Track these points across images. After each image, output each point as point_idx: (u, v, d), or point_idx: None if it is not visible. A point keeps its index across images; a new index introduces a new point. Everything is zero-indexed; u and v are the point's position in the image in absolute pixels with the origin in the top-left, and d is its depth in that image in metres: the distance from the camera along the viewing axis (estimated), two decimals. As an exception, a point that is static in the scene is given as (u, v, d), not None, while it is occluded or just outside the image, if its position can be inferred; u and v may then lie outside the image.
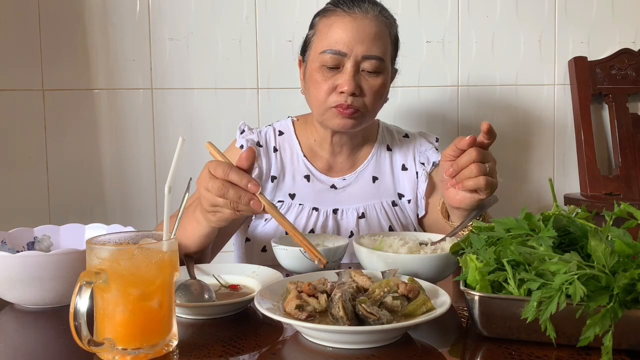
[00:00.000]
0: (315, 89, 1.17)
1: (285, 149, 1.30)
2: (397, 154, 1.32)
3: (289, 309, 0.73)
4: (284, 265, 1.03)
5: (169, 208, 0.71)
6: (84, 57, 1.76)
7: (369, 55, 1.14)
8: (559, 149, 1.84)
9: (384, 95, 1.21)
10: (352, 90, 1.13)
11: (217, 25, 1.77)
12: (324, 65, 1.15)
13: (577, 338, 0.63)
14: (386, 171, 1.30)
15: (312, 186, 1.27)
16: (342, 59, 1.14)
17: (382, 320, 0.68)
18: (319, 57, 1.16)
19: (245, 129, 1.31)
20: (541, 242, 0.70)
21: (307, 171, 1.28)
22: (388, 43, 1.18)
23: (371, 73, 1.15)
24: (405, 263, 0.88)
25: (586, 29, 1.80)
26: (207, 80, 1.78)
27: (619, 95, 1.79)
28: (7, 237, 0.99)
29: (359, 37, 1.13)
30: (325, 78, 1.15)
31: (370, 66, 1.14)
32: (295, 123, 1.33)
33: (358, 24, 1.14)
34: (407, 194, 1.30)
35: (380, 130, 1.34)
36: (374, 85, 1.16)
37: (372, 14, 1.16)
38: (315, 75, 1.17)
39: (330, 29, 1.16)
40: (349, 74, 1.13)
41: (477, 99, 1.82)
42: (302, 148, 1.30)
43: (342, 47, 1.13)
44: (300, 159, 1.29)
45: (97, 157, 1.79)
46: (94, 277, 0.63)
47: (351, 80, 1.13)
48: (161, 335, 0.68)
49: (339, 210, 1.27)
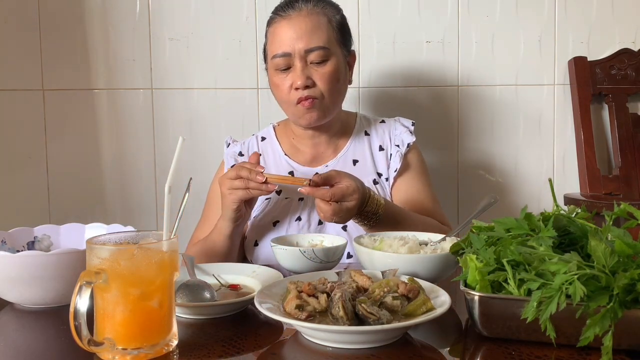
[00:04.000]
0: (277, 92, 1.28)
1: (268, 152, 1.39)
2: (374, 136, 1.39)
3: (289, 308, 0.73)
4: (283, 265, 1.03)
5: (169, 208, 0.71)
6: (84, 57, 1.76)
7: (310, 48, 1.23)
8: (559, 149, 1.84)
9: (340, 79, 1.28)
10: (304, 84, 1.22)
11: (217, 25, 1.77)
12: (277, 69, 1.26)
13: (577, 338, 0.63)
14: (365, 153, 1.37)
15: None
16: (289, 59, 1.24)
17: (382, 320, 0.68)
18: (272, 63, 1.27)
19: (230, 142, 1.42)
20: (541, 242, 0.70)
21: (290, 167, 1.35)
22: (330, 30, 1.26)
23: (319, 63, 1.24)
24: (405, 263, 0.88)
25: (586, 29, 1.80)
26: (207, 80, 1.79)
27: (619, 95, 1.79)
28: (7, 237, 0.99)
29: (297, 35, 1.23)
30: (282, 79, 1.26)
31: (316, 57, 1.23)
32: (276, 128, 1.44)
33: (293, 23, 1.24)
34: (384, 172, 1.36)
35: (358, 119, 1.42)
36: (324, 73, 1.24)
37: (305, 10, 1.25)
38: (273, 79, 1.28)
39: (274, 35, 1.27)
40: (298, 69, 1.23)
41: (477, 99, 1.82)
42: (282, 148, 1.39)
43: (285, 48, 1.24)
44: (282, 158, 1.37)
45: (97, 157, 1.79)
46: (94, 277, 0.63)
47: (300, 75, 1.23)
48: (161, 335, 0.68)
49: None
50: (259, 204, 1.31)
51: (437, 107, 1.82)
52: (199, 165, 1.75)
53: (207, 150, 1.77)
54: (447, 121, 1.83)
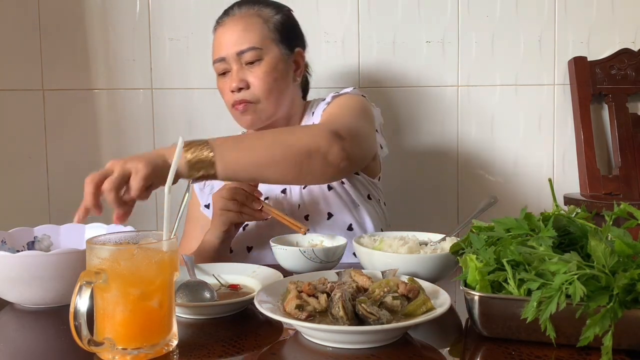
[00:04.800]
0: (223, 97, 1.30)
1: None
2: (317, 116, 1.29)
3: (289, 308, 0.73)
4: (283, 265, 1.03)
5: (169, 208, 0.71)
6: (84, 57, 1.76)
7: (241, 50, 1.24)
8: (559, 149, 1.84)
9: (277, 79, 1.25)
10: (237, 86, 1.23)
11: (217, 25, 1.77)
12: (219, 74, 1.28)
13: (577, 338, 0.63)
14: None
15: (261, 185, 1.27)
16: (225, 63, 1.26)
17: (382, 320, 0.68)
18: (215, 69, 1.29)
19: None
20: (541, 242, 0.70)
21: None
22: (264, 30, 1.25)
23: (252, 64, 1.24)
24: (405, 263, 0.88)
25: (586, 29, 1.80)
26: (207, 80, 1.78)
27: (618, 95, 1.79)
28: (7, 237, 0.99)
29: (229, 39, 1.25)
30: (223, 84, 1.27)
31: (249, 57, 1.24)
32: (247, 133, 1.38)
33: (226, 29, 1.26)
34: None
35: (309, 105, 1.37)
36: (258, 74, 1.24)
37: (237, 15, 1.27)
38: (218, 84, 1.30)
39: (214, 43, 1.29)
40: (233, 72, 1.25)
41: (477, 99, 1.82)
42: None
43: (221, 53, 1.26)
44: None
45: (97, 157, 1.79)
46: (94, 277, 0.63)
47: (235, 77, 1.24)
48: (161, 335, 0.68)
49: (287, 189, 1.30)
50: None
51: (437, 107, 1.82)
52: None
53: (207, 150, 1.77)
54: (447, 121, 1.83)
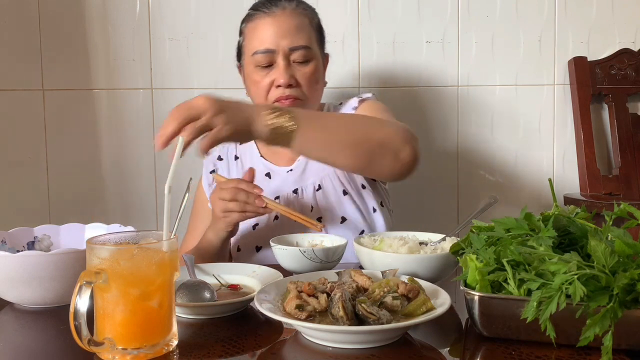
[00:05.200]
0: (255, 89, 1.26)
1: (246, 155, 1.37)
2: None
3: (289, 308, 0.73)
4: (283, 265, 1.03)
5: (169, 208, 0.71)
6: (84, 57, 1.76)
7: (295, 47, 1.22)
8: (559, 149, 1.84)
9: (320, 80, 1.29)
10: (288, 82, 1.21)
11: (217, 25, 1.77)
12: (258, 66, 1.24)
13: (577, 338, 0.63)
14: None
15: (273, 181, 1.31)
16: (272, 55, 1.22)
17: (382, 320, 0.68)
18: (252, 59, 1.24)
19: None
20: (541, 242, 0.70)
21: (267, 169, 1.33)
22: (311, 31, 1.26)
23: (302, 62, 1.24)
24: (405, 263, 0.88)
25: (586, 29, 1.80)
26: (207, 80, 1.79)
27: (618, 95, 1.79)
28: (7, 237, 0.99)
29: (282, 32, 1.22)
30: (262, 77, 1.24)
31: (300, 56, 1.23)
32: None
33: (278, 21, 1.23)
34: None
35: (325, 109, 1.38)
36: (306, 73, 1.24)
37: (289, 9, 1.25)
38: (252, 76, 1.25)
39: (256, 31, 1.25)
40: (282, 67, 1.22)
41: (477, 99, 1.82)
42: (259, 149, 1.36)
43: (269, 44, 1.22)
44: (259, 160, 1.34)
45: (97, 157, 1.79)
46: (94, 277, 0.63)
47: (285, 72, 1.21)
48: (161, 335, 0.68)
49: (299, 189, 1.29)
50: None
51: (437, 107, 1.82)
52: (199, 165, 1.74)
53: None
54: (447, 121, 1.83)
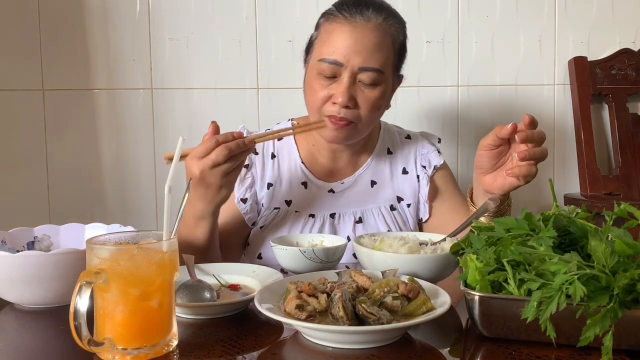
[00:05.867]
0: (311, 96, 1.16)
1: (284, 155, 1.28)
2: (398, 156, 1.31)
3: (289, 308, 0.73)
4: (283, 265, 1.03)
5: (169, 208, 0.71)
6: (84, 57, 1.76)
7: (366, 67, 1.11)
8: (559, 149, 1.84)
9: (382, 106, 1.19)
10: (345, 103, 1.11)
11: (217, 25, 1.77)
12: (320, 74, 1.13)
13: (577, 338, 0.63)
14: (385, 175, 1.29)
15: (309, 192, 1.26)
16: (338, 68, 1.11)
17: (382, 320, 0.68)
18: (317, 65, 1.14)
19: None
20: (541, 242, 0.70)
21: (305, 178, 1.26)
22: (389, 53, 1.15)
23: (368, 85, 1.13)
24: (405, 263, 0.88)
25: (586, 29, 1.80)
26: (207, 80, 1.79)
27: (619, 95, 1.79)
28: (7, 237, 0.99)
29: (357, 48, 1.10)
30: (322, 86, 1.13)
31: (367, 78, 1.12)
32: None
33: (357, 34, 1.11)
34: (406, 197, 1.29)
35: (381, 132, 1.32)
36: (369, 98, 1.13)
37: (374, 22, 1.12)
38: (312, 82, 1.15)
39: (330, 36, 1.13)
40: (344, 85, 1.11)
41: (477, 99, 1.82)
42: (300, 154, 1.27)
43: (339, 56, 1.11)
44: (298, 166, 1.27)
45: (97, 157, 1.79)
46: (94, 277, 0.63)
47: (345, 92, 1.11)
48: (161, 335, 0.68)
49: (336, 214, 1.25)
50: (267, 214, 1.24)
51: (437, 107, 1.82)
52: (199, 165, 1.75)
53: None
54: (447, 121, 1.83)
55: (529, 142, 0.97)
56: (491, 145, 1.02)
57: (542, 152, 0.98)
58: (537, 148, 0.97)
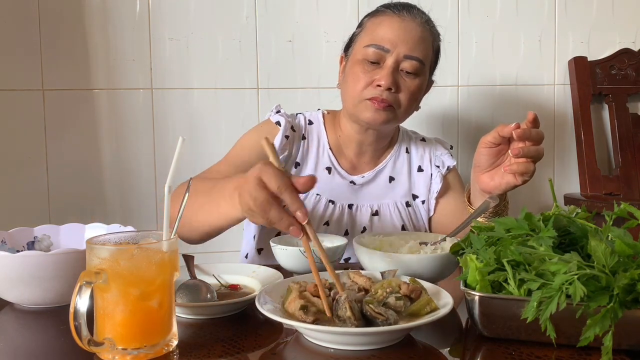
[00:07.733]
0: (353, 81, 1.20)
1: (313, 138, 1.32)
2: (414, 156, 1.36)
3: (292, 309, 0.72)
4: (283, 265, 1.03)
5: (169, 208, 0.71)
6: (84, 57, 1.76)
7: (410, 55, 1.17)
8: (559, 149, 1.84)
9: (418, 98, 1.24)
10: (389, 85, 1.16)
11: (217, 25, 1.77)
12: (365, 59, 1.19)
13: (577, 338, 0.63)
14: (403, 172, 1.34)
15: (331, 179, 1.30)
16: (384, 54, 1.17)
17: (390, 321, 0.68)
18: (362, 51, 1.19)
19: (281, 110, 1.32)
20: (541, 242, 0.70)
21: (330, 164, 1.31)
22: (430, 50, 1.22)
23: (410, 74, 1.18)
24: (406, 263, 0.88)
25: (586, 29, 1.80)
26: (207, 80, 1.78)
27: (619, 95, 1.79)
28: (7, 237, 0.99)
29: (404, 37, 1.17)
30: (365, 71, 1.18)
31: (410, 67, 1.18)
32: (325, 116, 1.36)
33: (405, 25, 1.18)
34: (421, 195, 1.34)
35: (400, 133, 1.39)
36: (410, 86, 1.19)
37: (419, 20, 1.20)
38: (355, 67, 1.20)
39: (378, 26, 1.20)
40: (388, 69, 1.16)
41: (477, 99, 1.82)
42: (329, 141, 1.32)
43: (386, 43, 1.17)
44: (326, 151, 1.31)
45: (97, 157, 1.79)
46: (94, 277, 0.63)
47: (389, 75, 1.16)
48: (161, 335, 0.68)
49: (354, 205, 1.29)
50: None
51: (437, 107, 1.82)
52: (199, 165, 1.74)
53: (207, 151, 1.77)
54: (447, 121, 1.83)
55: (526, 140, 0.98)
56: (491, 143, 1.03)
57: (537, 151, 0.99)
58: (532, 146, 0.98)
